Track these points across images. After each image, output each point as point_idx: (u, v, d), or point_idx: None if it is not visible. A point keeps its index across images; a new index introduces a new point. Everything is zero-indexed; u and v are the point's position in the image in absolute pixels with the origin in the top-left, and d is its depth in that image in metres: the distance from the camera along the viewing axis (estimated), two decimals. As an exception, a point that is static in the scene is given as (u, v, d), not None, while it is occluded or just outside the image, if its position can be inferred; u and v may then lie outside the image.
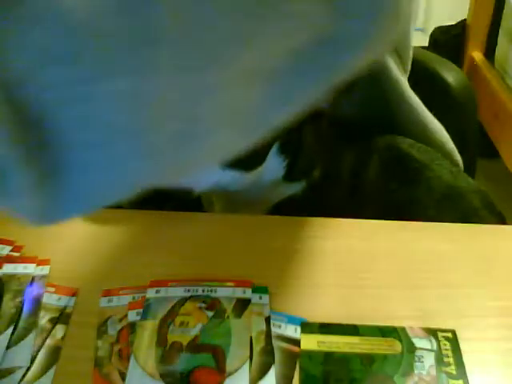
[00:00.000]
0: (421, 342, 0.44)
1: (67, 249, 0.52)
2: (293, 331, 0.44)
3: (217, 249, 0.53)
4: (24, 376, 0.40)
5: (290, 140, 0.56)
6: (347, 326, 0.45)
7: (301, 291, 0.49)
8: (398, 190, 0.65)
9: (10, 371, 0.41)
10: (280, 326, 0.45)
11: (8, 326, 0.43)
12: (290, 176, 0.59)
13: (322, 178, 0.62)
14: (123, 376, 0.40)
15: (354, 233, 0.56)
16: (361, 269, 0.51)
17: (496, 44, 1.82)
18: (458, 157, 0.74)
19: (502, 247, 0.55)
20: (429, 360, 0.42)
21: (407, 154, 0.68)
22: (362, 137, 0.68)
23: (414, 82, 0.72)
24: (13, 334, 0.43)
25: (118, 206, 0.70)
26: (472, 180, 0.71)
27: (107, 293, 0.47)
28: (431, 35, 1.97)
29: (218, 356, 0.42)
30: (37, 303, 0.46)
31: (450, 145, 0.75)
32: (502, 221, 0.68)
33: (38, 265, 0.49)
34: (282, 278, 0.50)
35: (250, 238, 0.55)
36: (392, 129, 0.71)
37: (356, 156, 0.65)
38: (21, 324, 0.44)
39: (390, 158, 0.67)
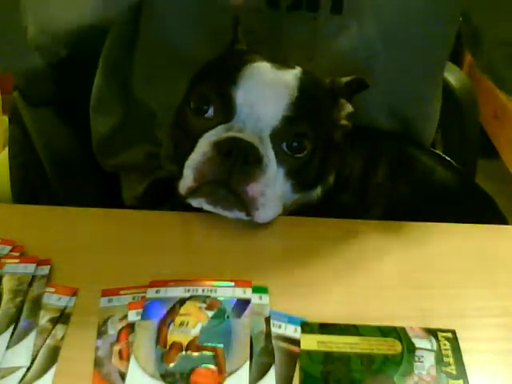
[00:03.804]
0: (421, 342, 0.44)
1: (67, 249, 0.52)
2: (293, 331, 0.44)
3: (217, 249, 0.53)
4: (24, 376, 0.40)
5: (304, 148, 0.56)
6: (347, 326, 0.45)
7: (301, 291, 0.49)
8: (405, 193, 0.65)
9: (10, 371, 0.41)
10: (280, 326, 0.45)
11: (8, 326, 0.43)
12: (305, 184, 0.59)
13: (334, 182, 0.63)
14: (123, 376, 0.40)
15: (354, 233, 0.56)
16: (361, 269, 0.51)
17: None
18: None
19: (502, 247, 0.55)
20: (429, 360, 0.42)
21: (415, 157, 0.69)
22: (371, 138, 0.68)
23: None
24: (13, 333, 0.43)
25: (122, 206, 0.70)
26: (478, 184, 0.72)
27: (107, 293, 0.47)
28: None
29: (218, 356, 0.42)
30: (37, 303, 0.46)
31: None
32: (503, 221, 0.68)
33: (38, 265, 0.49)
34: (282, 277, 0.50)
35: (250, 238, 0.55)
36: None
37: (365, 159, 0.65)
38: (21, 324, 0.44)
39: (398, 162, 0.67)
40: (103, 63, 0.71)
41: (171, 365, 0.41)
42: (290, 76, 0.55)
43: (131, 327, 0.44)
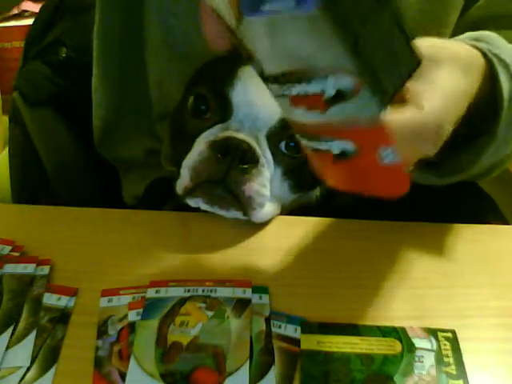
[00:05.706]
0: (421, 342, 0.44)
1: (67, 249, 0.53)
2: (293, 331, 0.44)
3: (217, 249, 0.53)
4: (24, 376, 0.40)
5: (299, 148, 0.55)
6: (347, 325, 0.45)
7: (301, 291, 0.49)
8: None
9: (10, 371, 0.41)
10: (280, 326, 0.45)
11: (8, 326, 0.44)
12: (303, 184, 0.59)
13: None
14: (123, 376, 0.40)
15: (354, 233, 0.56)
16: (361, 269, 0.51)
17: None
18: None
19: (502, 247, 0.55)
20: (429, 360, 0.42)
21: None
22: None
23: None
24: (13, 333, 0.43)
25: (122, 206, 0.70)
26: (478, 184, 0.71)
27: (107, 293, 0.47)
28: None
29: (218, 356, 0.42)
30: (37, 303, 0.46)
31: None
32: (503, 221, 0.68)
33: (38, 265, 0.49)
34: (282, 278, 0.50)
35: (250, 238, 0.55)
36: None
37: None
38: (21, 324, 0.44)
39: None
40: (96, 49, 0.69)
41: (171, 365, 0.41)
42: None
43: (131, 327, 0.44)
